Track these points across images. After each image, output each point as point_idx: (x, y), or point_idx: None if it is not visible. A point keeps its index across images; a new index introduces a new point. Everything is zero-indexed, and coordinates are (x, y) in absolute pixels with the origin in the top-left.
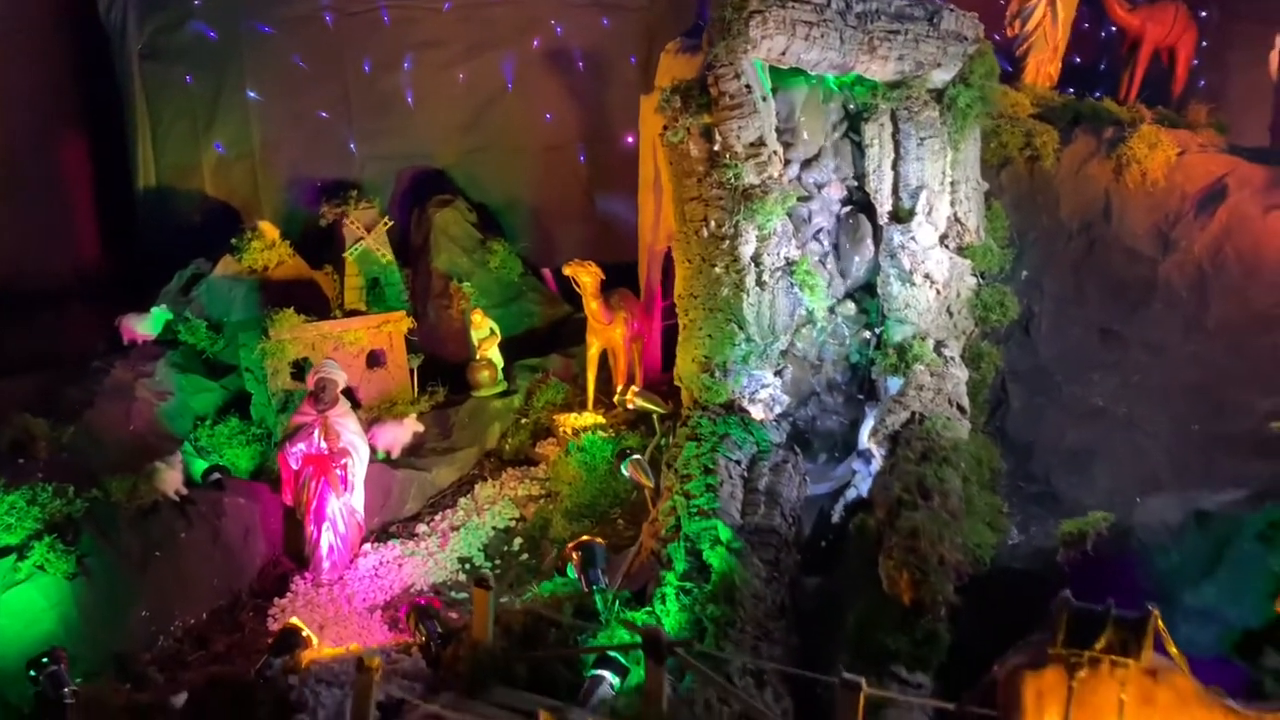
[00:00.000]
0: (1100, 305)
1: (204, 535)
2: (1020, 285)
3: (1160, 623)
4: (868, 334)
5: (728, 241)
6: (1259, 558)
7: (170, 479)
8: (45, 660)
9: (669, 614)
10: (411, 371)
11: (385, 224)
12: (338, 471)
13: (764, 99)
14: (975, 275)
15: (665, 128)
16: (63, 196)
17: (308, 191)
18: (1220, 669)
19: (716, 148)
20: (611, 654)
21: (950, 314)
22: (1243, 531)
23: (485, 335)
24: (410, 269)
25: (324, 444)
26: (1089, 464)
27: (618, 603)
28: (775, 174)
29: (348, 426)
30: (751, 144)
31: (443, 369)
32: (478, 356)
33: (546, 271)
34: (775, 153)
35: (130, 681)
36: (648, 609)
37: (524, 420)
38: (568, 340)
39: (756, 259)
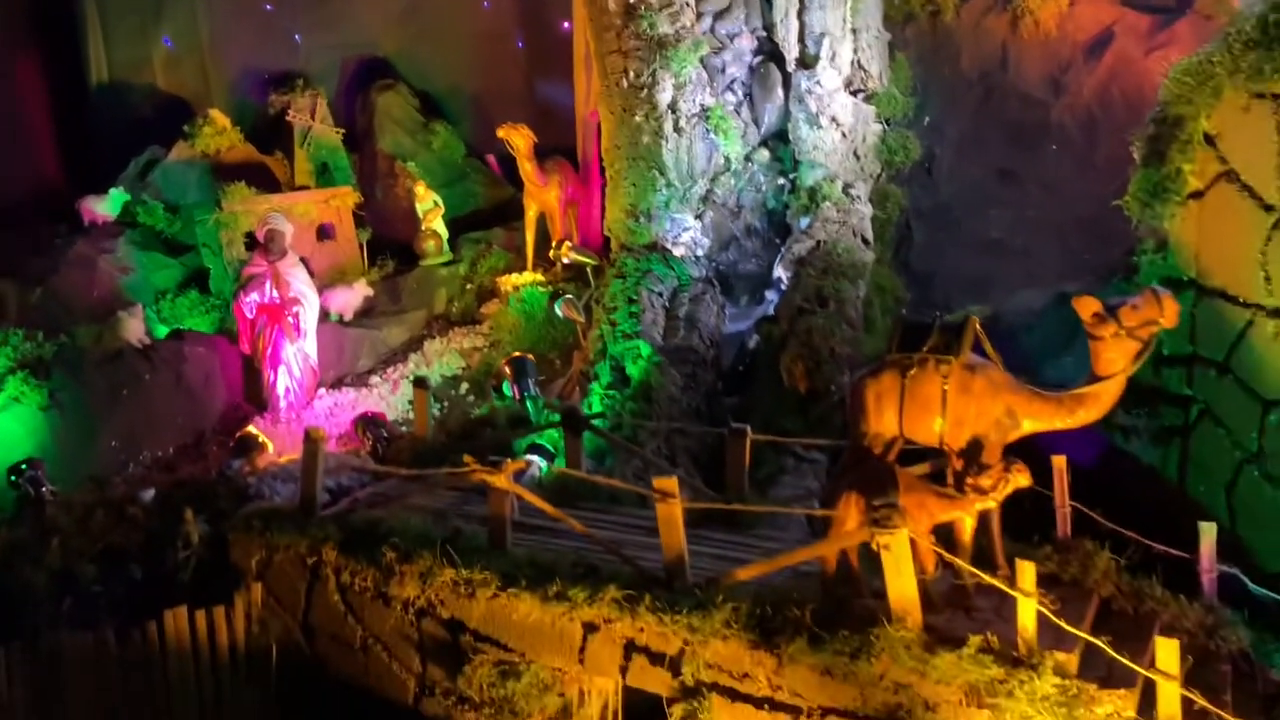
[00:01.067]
0: (998, 147)
1: (167, 379)
2: (923, 130)
3: (979, 327)
4: (783, 180)
5: (645, 90)
6: None
7: (133, 327)
8: (24, 466)
9: (595, 412)
10: (360, 245)
11: (326, 107)
12: (290, 319)
13: None
14: (880, 121)
15: None
16: (18, 113)
17: (256, 82)
18: (1083, 434)
19: (632, 0)
20: (539, 443)
21: (857, 157)
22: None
23: (429, 207)
24: (357, 153)
25: (275, 293)
26: (986, 291)
27: (546, 408)
28: (688, 23)
29: (297, 276)
30: None
31: (391, 246)
32: (423, 228)
33: (490, 157)
34: (687, 3)
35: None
36: None
37: (469, 285)
38: (511, 218)
39: (673, 106)
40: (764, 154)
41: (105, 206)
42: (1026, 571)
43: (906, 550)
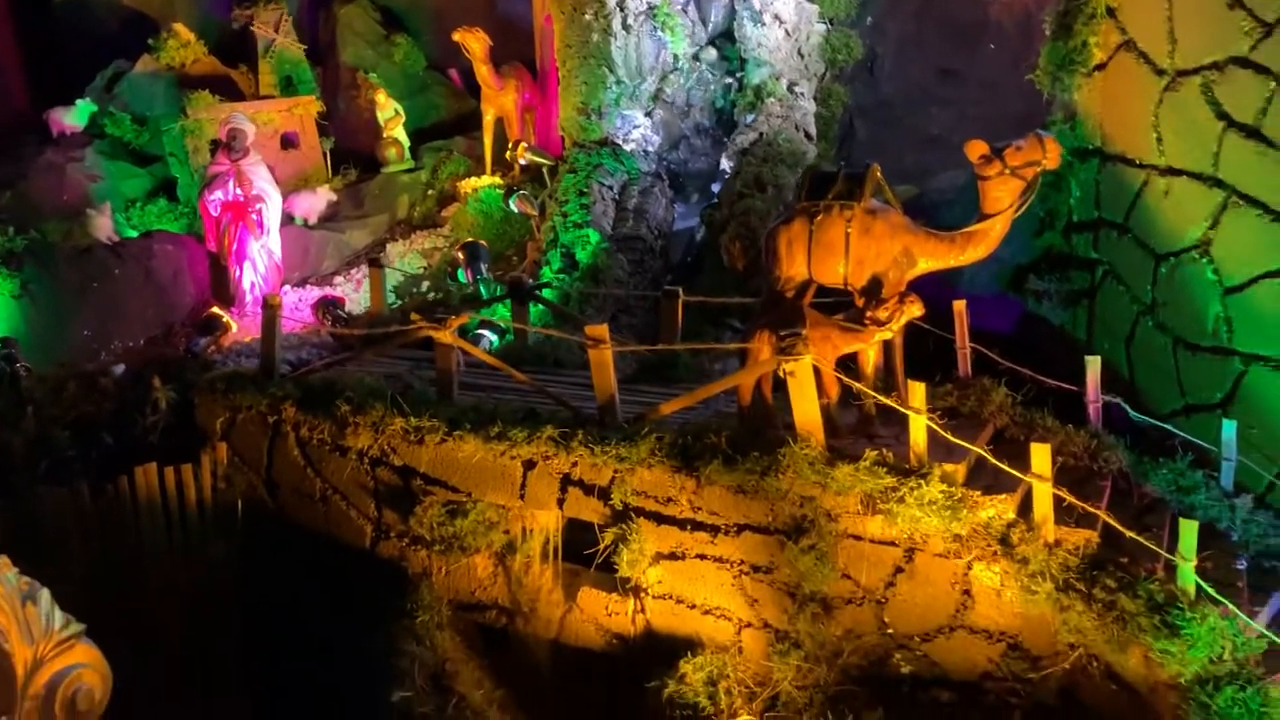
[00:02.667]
0: (938, 47)
1: (136, 273)
2: (866, 30)
3: (879, 174)
4: (730, 80)
5: None
6: None
7: (102, 225)
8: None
9: (544, 293)
10: (324, 153)
11: (289, 21)
12: (254, 215)
13: None
14: (824, 21)
15: None
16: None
17: (218, 1)
18: (999, 302)
19: None
20: (490, 319)
21: (801, 56)
22: None
23: (390, 116)
24: (320, 66)
25: (239, 191)
26: (926, 184)
27: (498, 286)
28: None
29: (260, 174)
30: None
31: (355, 155)
32: (385, 136)
33: (453, 71)
34: None
35: None
36: None
37: (430, 191)
38: (472, 128)
39: (621, 4)
40: (711, 53)
41: (73, 117)
42: (916, 391)
43: (809, 376)
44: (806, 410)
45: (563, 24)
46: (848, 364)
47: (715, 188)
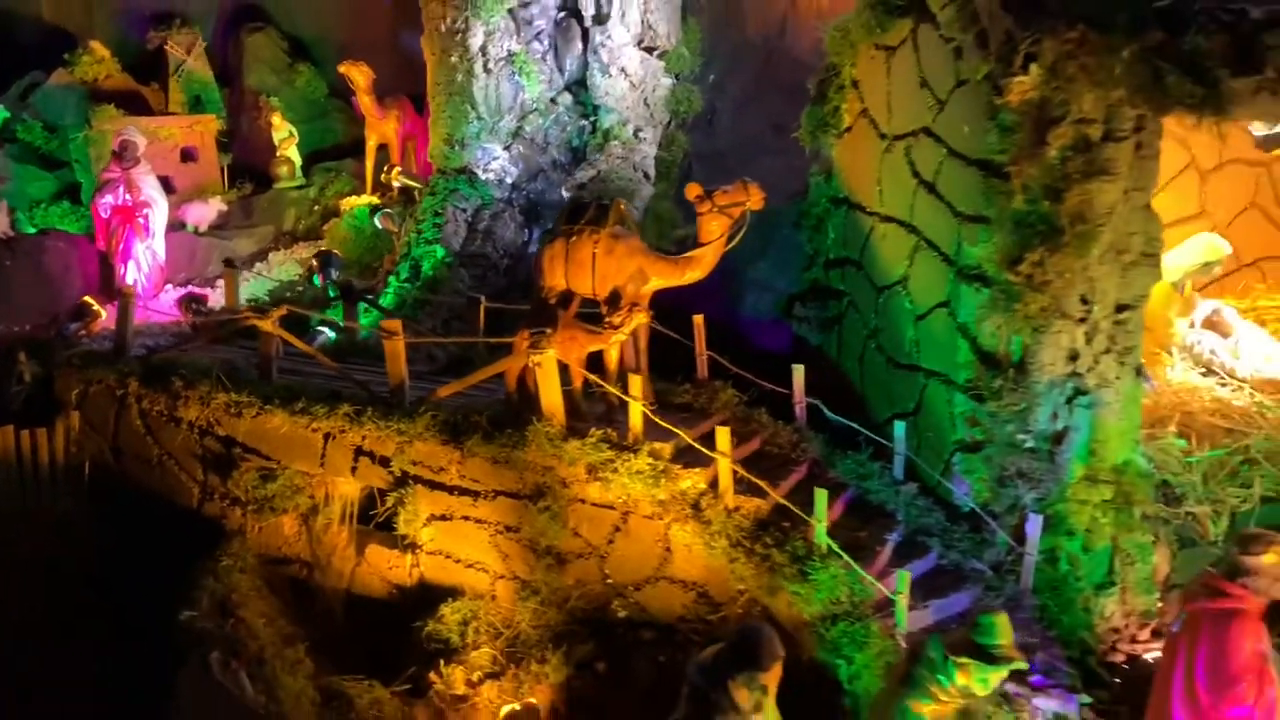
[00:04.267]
0: (774, 104)
1: (27, 267)
2: (708, 86)
3: (623, 208)
4: (584, 122)
5: (459, 35)
6: (794, 240)
7: None
8: None
9: (385, 298)
10: (221, 167)
11: (201, 45)
12: (140, 219)
13: None
14: (670, 75)
15: None
16: None
17: (137, 19)
18: (775, 327)
19: None
20: (330, 317)
21: (647, 105)
22: (782, 221)
23: (285, 136)
24: (228, 88)
25: (128, 196)
26: None
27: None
28: None
29: (148, 182)
30: None
31: (254, 172)
32: (278, 154)
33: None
34: None
35: None
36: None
37: (316, 206)
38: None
39: (483, 50)
40: (567, 97)
41: None
42: (634, 382)
43: (553, 367)
44: (550, 396)
45: (433, 64)
46: (597, 361)
47: None
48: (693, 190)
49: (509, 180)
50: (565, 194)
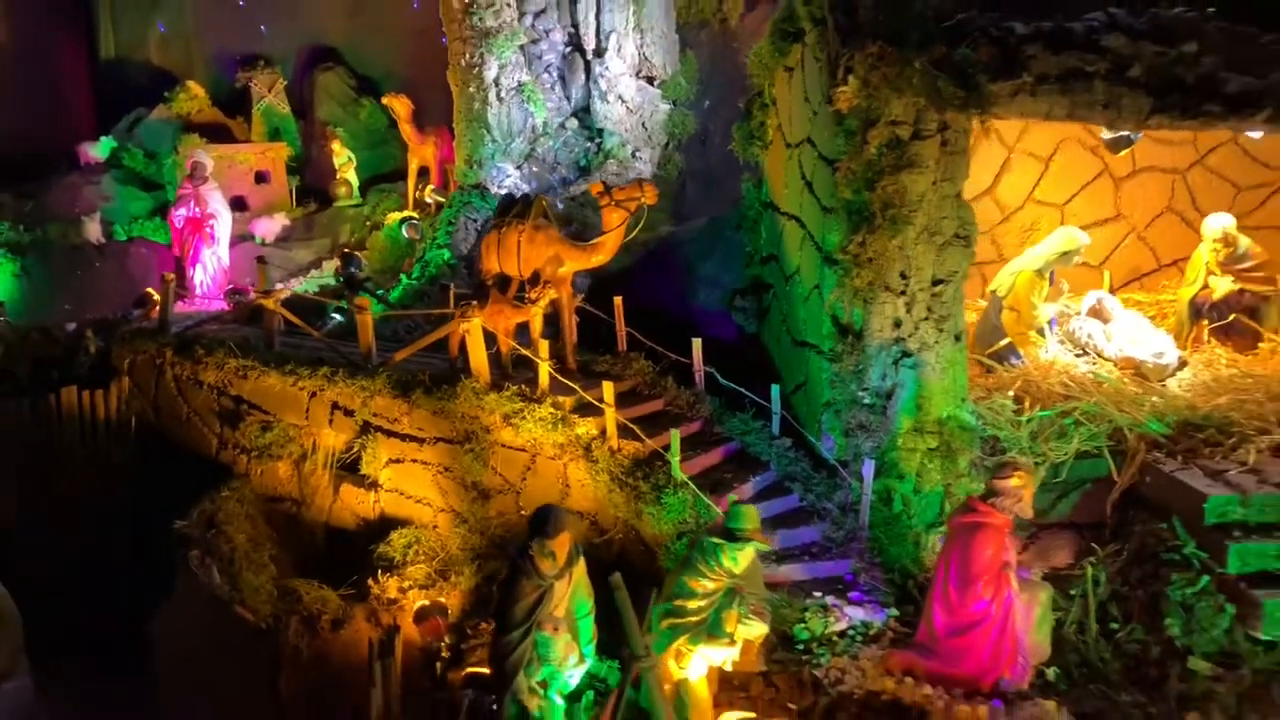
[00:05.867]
0: None
1: (114, 268)
2: (704, 111)
3: (544, 204)
4: (590, 144)
5: (476, 69)
6: (737, 240)
7: (92, 229)
8: None
9: (394, 291)
10: (290, 189)
11: (281, 83)
12: (207, 229)
13: None
14: (668, 102)
15: None
16: (63, 82)
17: (229, 62)
18: (723, 318)
19: (467, 0)
20: (343, 305)
21: (645, 128)
22: (727, 224)
23: (344, 161)
24: (303, 120)
25: (197, 209)
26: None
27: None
28: (509, 19)
29: (214, 198)
30: None
31: (320, 194)
32: (338, 176)
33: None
34: (507, 4)
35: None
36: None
37: (368, 222)
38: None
39: (496, 82)
40: (574, 122)
41: (97, 150)
42: (542, 347)
43: (479, 333)
44: (477, 357)
45: (456, 94)
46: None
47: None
48: (595, 188)
49: (518, 196)
50: (560, 206)
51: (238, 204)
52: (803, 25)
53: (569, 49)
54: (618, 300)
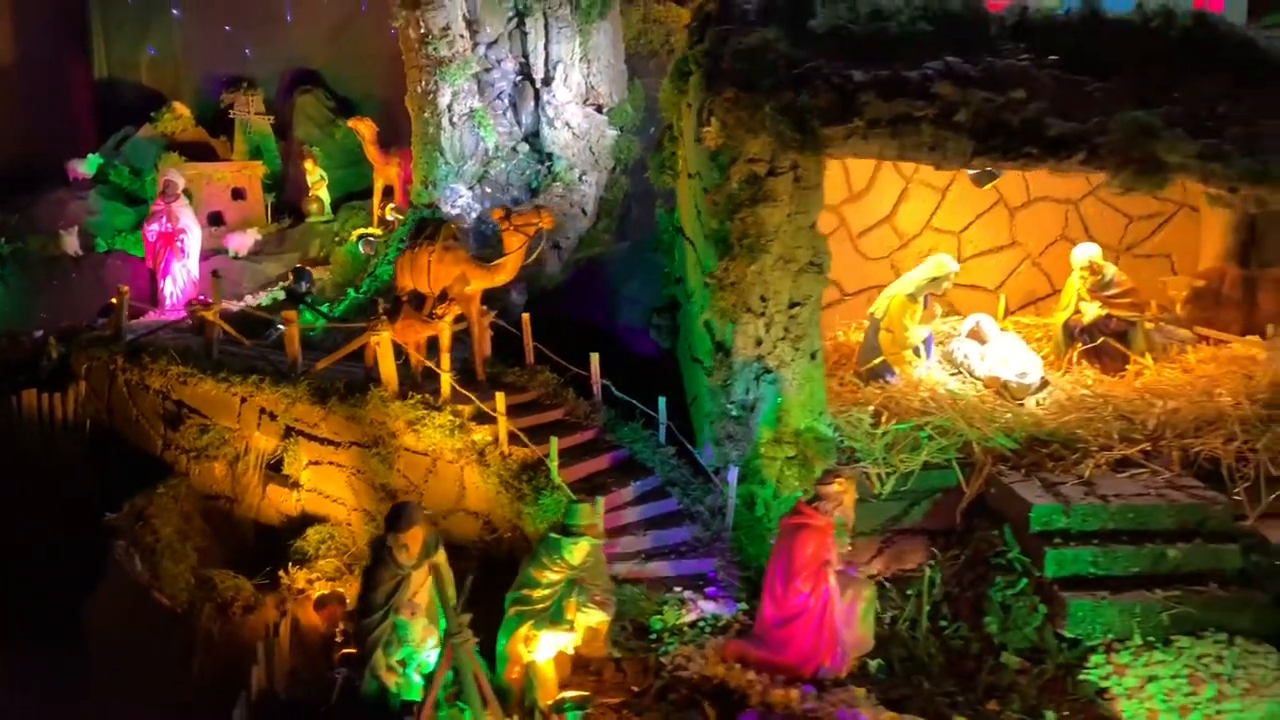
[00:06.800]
0: None
1: (90, 278)
2: (649, 137)
3: (453, 228)
4: (540, 167)
5: (431, 95)
6: (657, 263)
7: (69, 242)
8: None
9: (341, 305)
10: (266, 205)
11: (261, 104)
12: (178, 243)
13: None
14: (615, 129)
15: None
16: (65, 101)
17: (215, 84)
18: (645, 335)
19: (423, 30)
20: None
21: (592, 152)
22: (648, 247)
23: (316, 179)
24: (283, 139)
25: (169, 224)
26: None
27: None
28: (461, 49)
29: (185, 213)
30: (443, 28)
31: (297, 210)
32: (310, 193)
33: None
34: (460, 35)
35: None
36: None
37: (337, 238)
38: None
39: (450, 107)
40: (525, 146)
41: (85, 167)
42: (445, 359)
43: (389, 346)
44: (386, 367)
45: (413, 118)
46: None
47: None
48: (496, 213)
49: (473, 215)
50: None
51: (215, 219)
52: (692, 67)
53: (520, 78)
54: (525, 317)
